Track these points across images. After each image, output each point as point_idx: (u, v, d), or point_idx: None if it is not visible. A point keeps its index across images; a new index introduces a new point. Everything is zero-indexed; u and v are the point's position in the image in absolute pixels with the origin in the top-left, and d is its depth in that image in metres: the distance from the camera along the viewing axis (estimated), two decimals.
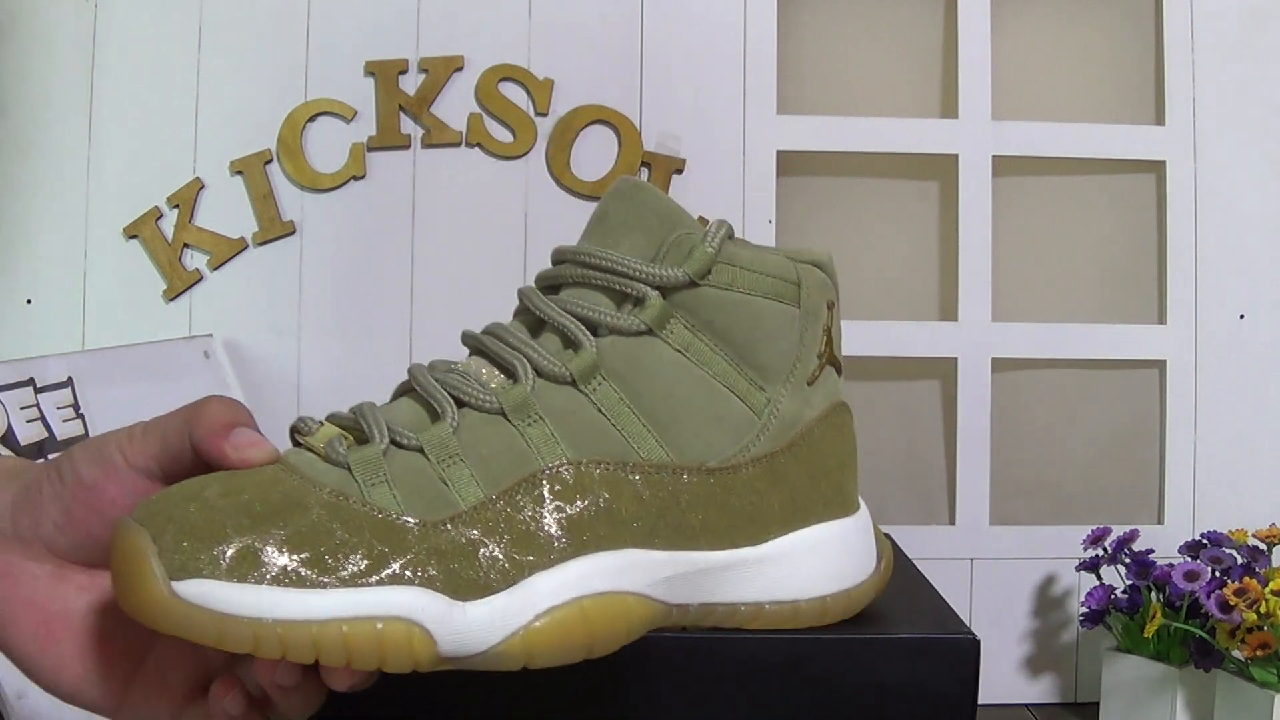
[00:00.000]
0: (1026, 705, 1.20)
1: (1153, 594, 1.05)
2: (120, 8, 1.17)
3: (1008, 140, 1.20)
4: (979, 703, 0.72)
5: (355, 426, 0.40)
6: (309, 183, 1.17)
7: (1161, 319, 1.22)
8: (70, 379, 0.88)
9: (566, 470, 0.39)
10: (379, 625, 0.34)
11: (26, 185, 1.17)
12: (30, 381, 0.84)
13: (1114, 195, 1.24)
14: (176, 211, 1.17)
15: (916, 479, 1.24)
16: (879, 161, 1.23)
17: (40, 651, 0.40)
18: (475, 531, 0.37)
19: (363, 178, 1.18)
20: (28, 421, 0.84)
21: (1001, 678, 1.21)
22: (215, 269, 1.17)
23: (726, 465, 0.42)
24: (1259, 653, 0.95)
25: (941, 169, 1.23)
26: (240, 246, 1.17)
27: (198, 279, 1.17)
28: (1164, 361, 1.21)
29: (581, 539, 0.39)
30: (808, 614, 0.44)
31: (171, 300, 1.17)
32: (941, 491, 1.23)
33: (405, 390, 0.42)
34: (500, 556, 0.37)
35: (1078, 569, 1.12)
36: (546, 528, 0.38)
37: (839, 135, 1.20)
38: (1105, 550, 1.10)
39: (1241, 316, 1.20)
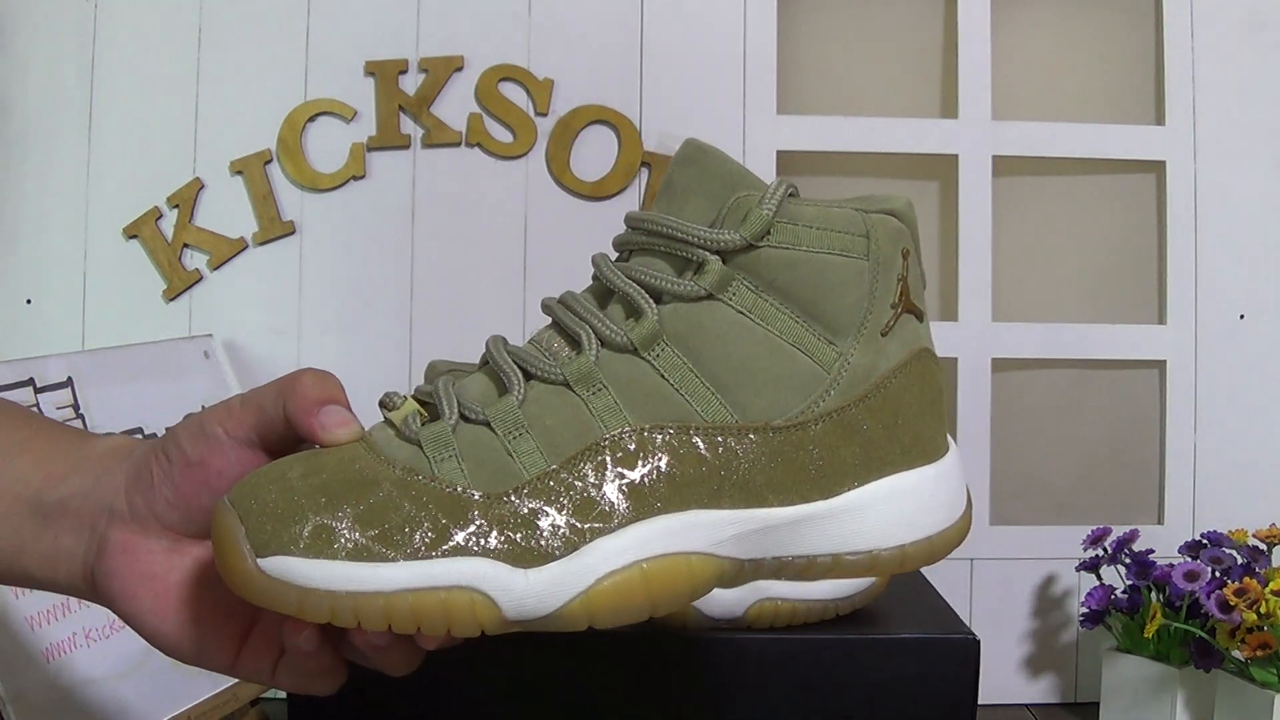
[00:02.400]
0: (1026, 705, 1.20)
1: (1153, 594, 1.05)
2: (120, 8, 1.17)
3: (1008, 140, 1.20)
4: (979, 703, 0.72)
5: (433, 402, 0.42)
6: (309, 183, 1.17)
7: (1161, 319, 1.22)
8: (70, 379, 0.88)
9: (629, 436, 0.40)
10: (443, 594, 0.37)
11: (26, 185, 1.17)
12: (30, 381, 0.84)
13: (1114, 195, 1.24)
14: (176, 211, 1.17)
15: None
16: (879, 161, 1.23)
17: (161, 620, 0.42)
18: (538, 501, 0.39)
19: (363, 178, 1.18)
20: None
21: (1001, 678, 1.21)
22: (215, 269, 1.17)
23: (793, 423, 0.42)
24: (1259, 653, 0.95)
25: (941, 169, 1.23)
26: (240, 246, 1.17)
27: (197, 279, 1.17)
28: (1164, 361, 1.21)
29: (644, 504, 0.40)
30: (887, 562, 0.43)
31: (171, 300, 1.17)
32: None
33: (482, 363, 0.44)
34: (562, 524, 0.39)
35: (1078, 569, 1.12)
36: (608, 494, 0.40)
37: (839, 135, 1.20)
38: (1105, 550, 1.10)
39: (1241, 316, 1.20)
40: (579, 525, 0.39)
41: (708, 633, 0.73)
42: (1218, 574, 1.02)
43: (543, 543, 0.38)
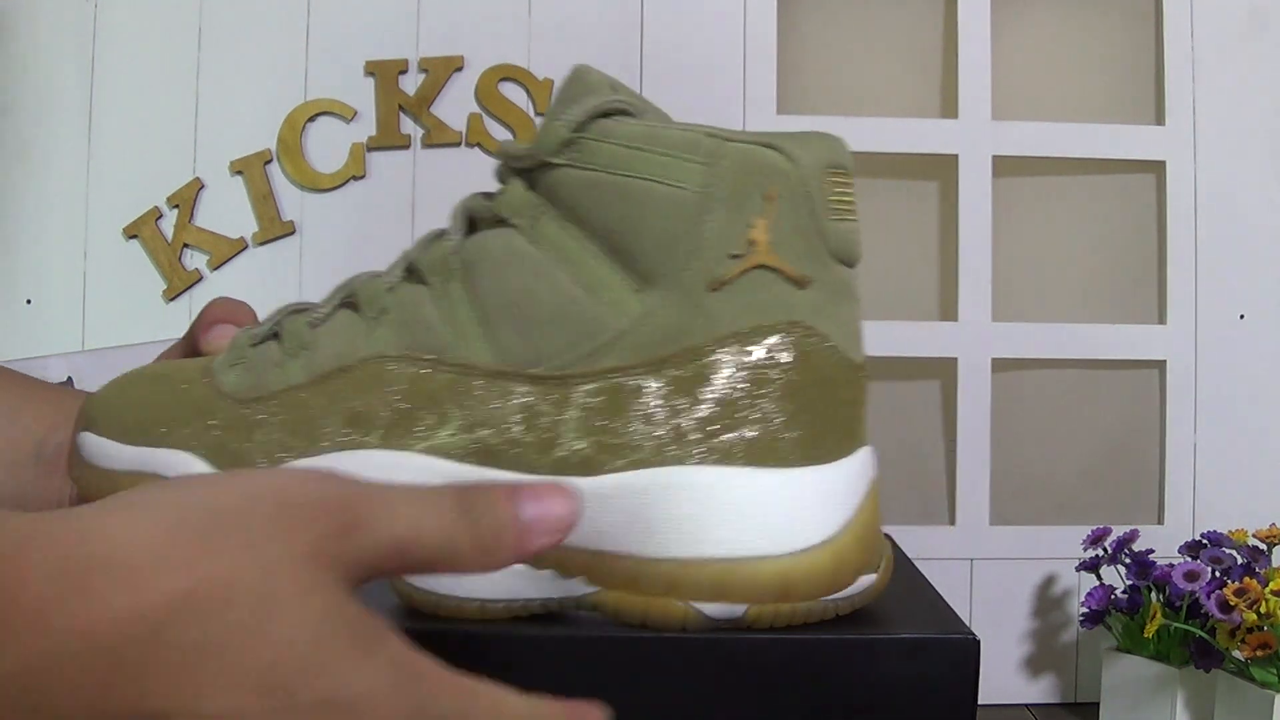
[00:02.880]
0: (1026, 705, 1.20)
1: (1153, 594, 1.05)
2: (120, 8, 1.17)
3: (1008, 140, 1.20)
4: (979, 703, 0.72)
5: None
6: (309, 183, 1.17)
7: (1161, 319, 1.21)
8: (70, 379, 0.88)
9: (375, 363, 0.37)
10: (145, 476, 0.38)
11: (26, 185, 1.17)
12: None
13: (1114, 195, 1.24)
14: (176, 211, 1.17)
15: (916, 479, 1.24)
16: (879, 161, 1.23)
17: None
18: (264, 414, 0.38)
19: (363, 178, 1.18)
20: None
21: (1001, 678, 1.21)
22: (215, 269, 1.17)
23: (554, 374, 0.35)
24: (1259, 653, 0.95)
25: (941, 169, 1.23)
26: (240, 246, 1.17)
27: (198, 279, 1.17)
28: (1164, 361, 1.21)
29: (358, 432, 0.37)
30: (652, 579, 0.35)
31: (171, 300, 1.17)
32: (941, 491, 1.23)
33: None
34: (273, 439, 0.38)
35: (1078, 569, 1.12)
36: (327, 417, 0.37)
37: (839, 135, 1.20)
38: (1105, 550, 1.10)
39: (1241, 316, 1.20)
40: (286, 442, 0.37)
41: (707, 633, 0.73)
42: (1218, 574, 1.02)
43: (246, 451, 0.38)
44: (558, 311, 0.36)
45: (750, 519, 0.35)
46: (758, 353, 0.35)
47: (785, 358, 0.35)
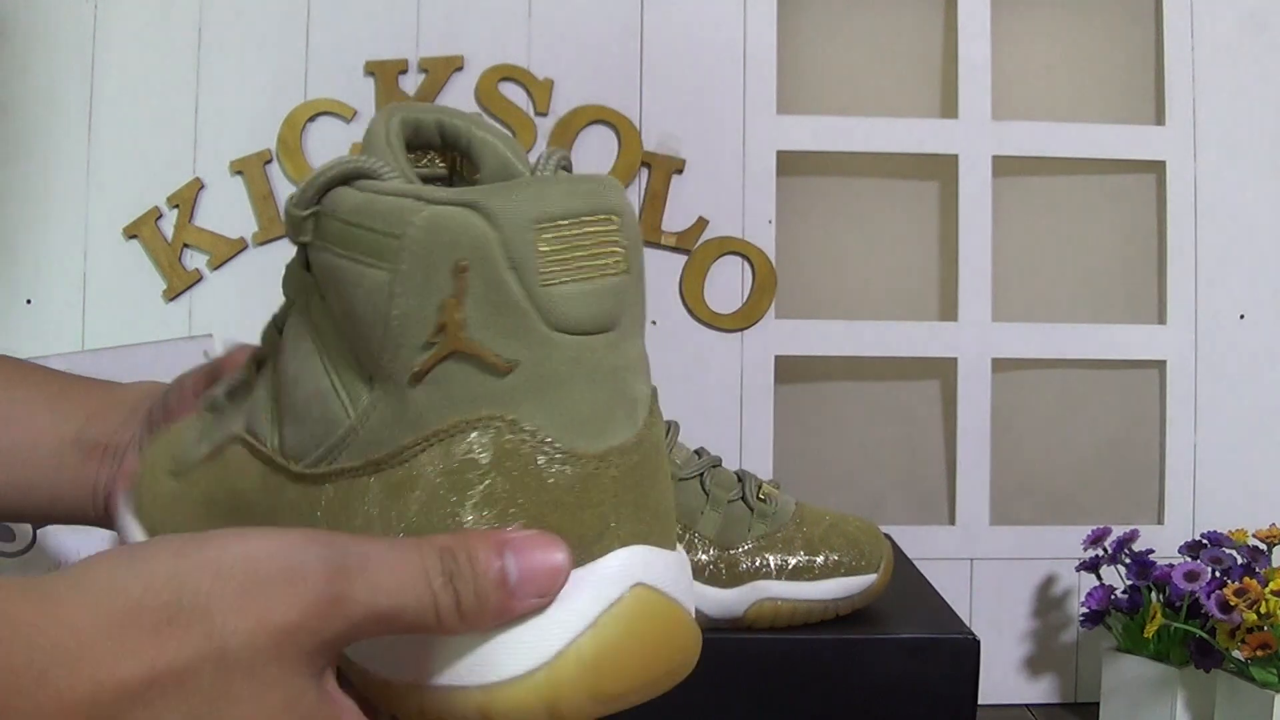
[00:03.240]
0: (1026, 705, 1.20)
1: (1153, 594, 1.05)
2: (120, 8, 1.17)
3: (1008, 140, 1.20)
4: (979, 703, 0.72)
5: None
6: None
7: (1161, 319, 1.22)
8: None
9: (233, 444, 0.35)
10: None
11: (26, 185, 1.17)
12: None
13: (1114, 195, 1.24)
14: (176, 211, 1.17)
15: (916, 479, 1.24)
16: (879, 161, 1.23)
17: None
18: (184, 488, 0.38)
19: None
20: None
21: (1001, 678, 1.21)
22: (215, 269, 1.17)
23: (309, 472, 0.32)
24: (1259, 653, 0.95)
25: (941, 169, 1.23)
26: (240, 246, 1.17)
27: (197, 279, 1.17)
28: (1164, 361, 1.21)
29: (214, 520, 0.35)
30: (372, 686, 0.31)
31: (171, 300, 1.17)
32: (941, 491, 1.23)
33: None
34: (181, 519, 0.38)
35: (1078, 569, 1.12)
36: (202, 500, 0.37)
37: (839, 135, 1.20)
38: (1105, 550, 1.10)
39: (1241, 316, 1.20)
40: (185, 524, 0.39)
41: (708, 633, 0.73)
42: (1218, 574, 1.02)
43: (174, 526, 0.38)
44: (310, 403, 0.32)
45: (441, 644, 0.29)
46: (458, 453, 0.30)
47: (484, 458, 0.29)
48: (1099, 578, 1.11)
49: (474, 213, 0.29)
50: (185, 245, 1.17)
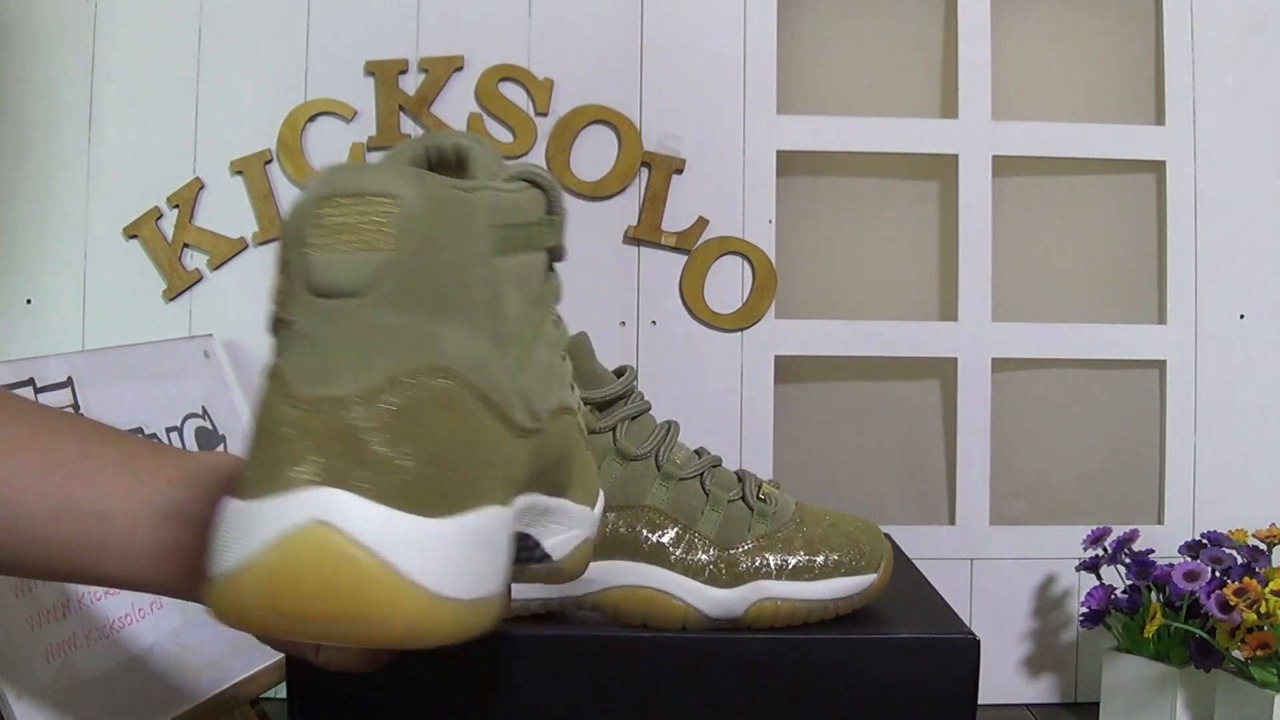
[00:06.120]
0: (1026, 705, 1.20)
1: (1153, 594, 1.05)
2: (120, 8, 1.17)
3: (1008, 140, 1.20)
4: (979, 703, 0.72)
5: None
6: None
7: (1161, 319, 1.22)
8: (70, 379, 0.88)
9: None
10: None
11: (26, 185, 1.17)
12: (30, 381, 0.84)
13: (1114, 195, 1.24)
14: (176, 211, 1.17)
15: (916, 479, 1.24)
16: (879, 161, 1.23)
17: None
18: None
19: None
20: None
21: (1001, 678, 1.21)
22: (215, 269, 1.17)
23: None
24: (1259, 653, 0.95)
25: (941, 169, 1.23)
26: (240, 246, 1.17)
27: (198, 279, 1.17)
28: (1164, 361, 1.21)
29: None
30: None
31: (171, 300, 1.17)
32: (941, 491, 1.23)
33: None
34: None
35: (1078, 569, 1.12)
36: None
37: (839, 135, 1.20)
38: (1105, 550, 1.10)
39: (1241, 316, 1.20)
40: None
41: (708, 633, 0.73)
42: (1218, 574, 1.02)
43: None
44: None
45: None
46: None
47: (259, 394, 0.36)
48: (1099, 578, 1.11)
49: (296, 199, 0.35)
50: (185, 245, 1.17)
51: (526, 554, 0.46)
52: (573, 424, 0.48)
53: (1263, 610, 0.94)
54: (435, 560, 0.33)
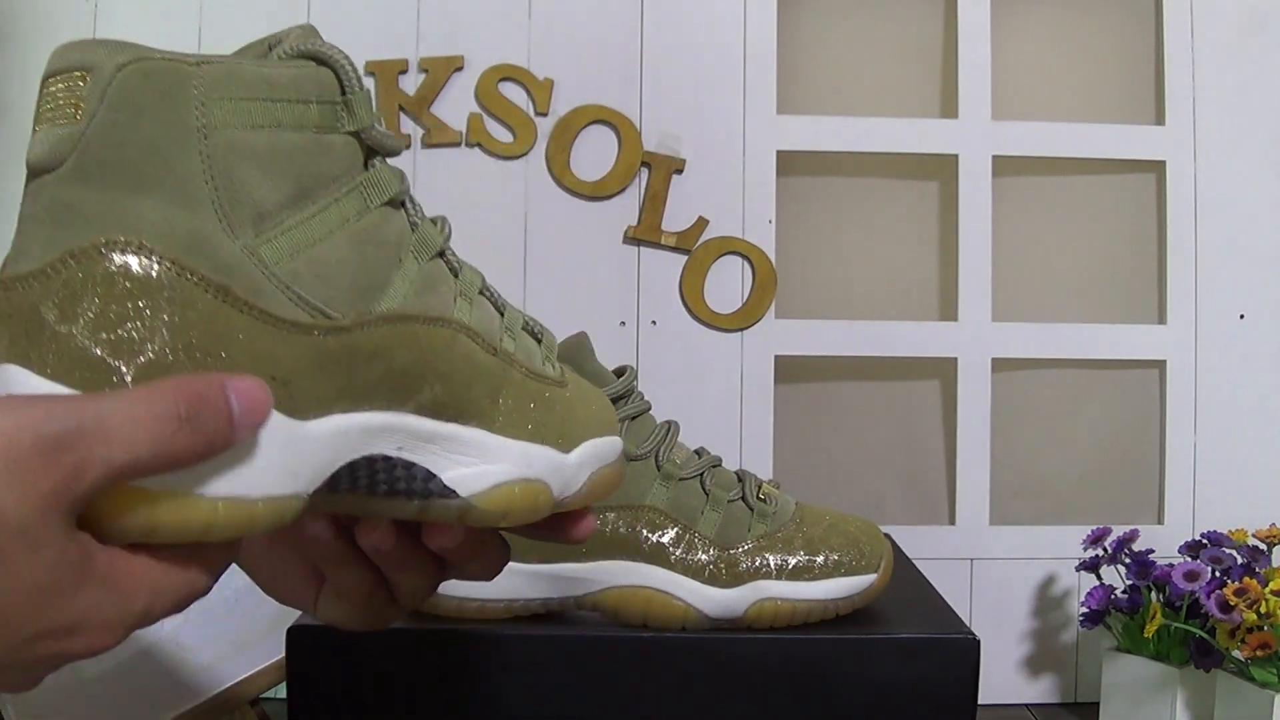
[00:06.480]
0: (1026, 705, 1.20)
1: (1153, 594, 1.05)
2: (120, 8, 1.17)
3: (1008, 140, 1.20)
4: (979, 703, 0.72)
5: None
6: None
7: (1161, 319, 1.22)
8: None
9: None
10: None
11: None
12: None
13: (1114, 195, 1.24)
14: None
15: (916, 479, 1.24)
16: (879, 161, 1.23)
17: (246, 561, 0.47)
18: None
19: None
20: None
21: (1001, 678, 1.21)
22: None
23: None
24: (1259, 653, 0.95)
25: (941, 169, 1.23)
26: None
27: None
28: (1164, 361, 1.21)
29: None
30: None
31: None
32: (941, 491, 1.23)
33: None
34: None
35: (1078, 569, 1.12)
36: None
37: (839, 135, 1.20)
38: (1105, 550, 1.10)
39: (1241, 316, 1.20)
40: None
41: (708, 633, 0.73)
42: (1218, 574, 1.02)
43: None
44: None
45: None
46: None
47: None
48: (1099, 578, 1.11)
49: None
50: None
51: (411, 484, 0.40)
52: (456, 339, 0.42)
53: (1263, 610, 0.93)
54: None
